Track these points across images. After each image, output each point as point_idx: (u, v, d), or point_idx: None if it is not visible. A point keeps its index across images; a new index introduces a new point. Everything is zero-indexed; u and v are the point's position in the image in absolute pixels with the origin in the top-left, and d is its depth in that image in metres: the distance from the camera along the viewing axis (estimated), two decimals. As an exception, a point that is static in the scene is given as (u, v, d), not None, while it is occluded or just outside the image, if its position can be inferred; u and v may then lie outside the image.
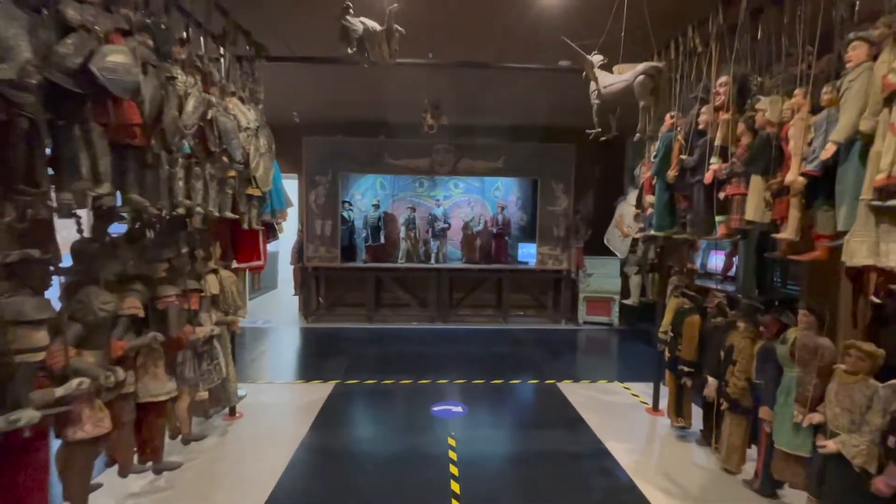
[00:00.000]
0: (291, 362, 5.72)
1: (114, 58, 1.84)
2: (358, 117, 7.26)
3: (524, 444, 3.58)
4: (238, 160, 3.06)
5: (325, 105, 6.70)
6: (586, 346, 6.76)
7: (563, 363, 5.77)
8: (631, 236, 4.22)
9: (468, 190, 8.27)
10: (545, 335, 7.14)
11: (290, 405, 4.27)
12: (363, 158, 7.36)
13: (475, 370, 5.27)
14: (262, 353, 5.95)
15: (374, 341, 6.57)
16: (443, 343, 6.55)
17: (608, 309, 7.62)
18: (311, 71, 5.33)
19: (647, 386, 4.76)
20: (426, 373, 5.14)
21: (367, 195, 8.14)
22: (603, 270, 7.56)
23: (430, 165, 7.40)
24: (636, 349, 6.35)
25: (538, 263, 7.62)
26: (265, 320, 7.72)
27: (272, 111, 7.24)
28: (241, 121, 3.22)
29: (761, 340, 2.92)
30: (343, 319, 7.67)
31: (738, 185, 2.59)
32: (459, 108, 6.67)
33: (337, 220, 7.38)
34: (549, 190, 7.52)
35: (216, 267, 3.42)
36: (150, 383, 2.71)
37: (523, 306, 8.28)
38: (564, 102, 6.34)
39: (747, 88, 2.73)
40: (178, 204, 2.62)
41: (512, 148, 7.48)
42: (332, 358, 5.67)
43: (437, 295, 7.67)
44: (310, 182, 7.35)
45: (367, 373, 5.14)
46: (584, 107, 6.59)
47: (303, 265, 7.46)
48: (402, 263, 7.74)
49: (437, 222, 7.68)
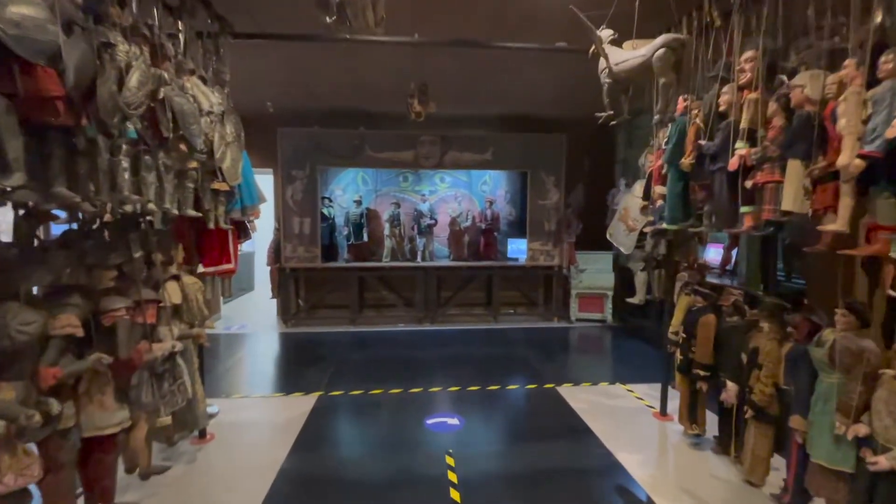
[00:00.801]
0: (269, 372, 5.28)
1: (19, 9, 1.41)
2: (336, 107, 6.82)
3: (530, 461, 3.26)
4: (199, 149, 2.63)
5: (300, 93, 6.23)
6: (581, 344, 6.51)
7: (559, 364, 5.50)
8: (637, 230, 3.95)
9: (455, 184, 7.91)
10: (538, 334, 6.87)
11: (268, 423, 3.85)
12: (343, 151, 6.91)
13: (468, 375, 4.95)
14: (238, 362, 5.49)
15: (359, 346, 6.17)
16: (432, 345, 6.21)
17: (601, 305, 7.41)
18: (284, 54, 4.88)
19: (650, 387, 4.53)
20: (417, 379, 4.79)
21: (348, 190, 7.70)
22: (595, 266, 7.34)
23: (415, 158, 7.01)
24: (633, 347, 6.14)
25: (529, 260, 7.33)
26: (241, 325, 7.23)
27: (243, 100, 6.73)
28: (202, 103, 2.78)
29: (790, 342, 2.68)
30: (325, 323, 7.24)
31: (771, 172, 2.31)
32: (446, 97, 6.29)
33: (316, 217, 6.93)
34: (540, 183, 7.24)
35: (178, 273, 2.98)
36: (96, 414, 2.29)
37: (513, 304, 8.00)
38: (556, 90, 6.06)
39: (777, 64, 2.45)
40: (124, 200, 2.18)
41: (501, 139, 7.15)
42: (313, 366, 5.25)
43: (424, 295, 7.31)
44: (286, 177, 6.87)
45: (353, 382, 4.76)
46: (575, 94, 6.38)
47: (280, 266, 7.00)
48: (386, 262, 7.34)
49: (422, 218, 7.30)
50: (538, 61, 4.93)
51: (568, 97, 6.41)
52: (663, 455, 3.42)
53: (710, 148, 2.69)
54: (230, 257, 3.53)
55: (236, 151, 3.25)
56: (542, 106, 6.84)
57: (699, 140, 2.79)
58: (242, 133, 3.42)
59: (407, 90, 4.69)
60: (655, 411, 4.02)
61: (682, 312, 3.49)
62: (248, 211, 3.44)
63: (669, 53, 2.45)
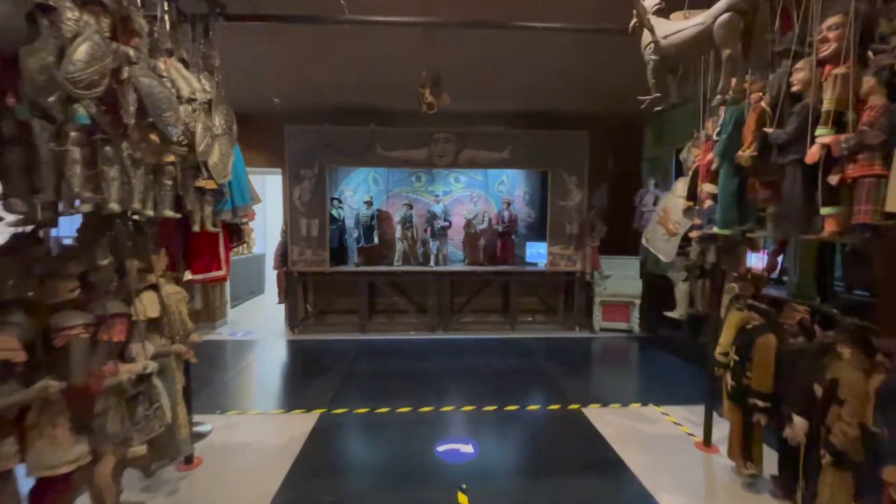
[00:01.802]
0: (271, 385, 4.94)
1: None
2: (346, 103, 6.48)
3: (556, 500, 2.83)
4: (175, 139, 2.28)
5: (308, 89, 5.91)
6: (606, 357, 6.02)
7: (583, 380, 5.03)
8: (679, 235, 3.47)
9: (470, 184, 7.50)
10: (558, 345, 6.40)
11: (263, 446, 3.50)
12: (353, 150, 6.57)
13: (483, 392, 4.53)
14: (238, 373, 5.17)
15: (368, 355, 5.80)
16: (444, 356, 5.80)
17: (627, 314, 6.90)
18: (289, 46, 4.57)
19: (687, 410, 4.05)
20: (427, 396, 4.39)
21: (358, 191, 7.36)
22: (621, 272, 6.84)
23: (429, 157, 6.63)
24: (663, 361, 5.63)
25: (549, 264, 6.87)
26: (246, 332, 6.94)
27: (249, 97, 6.49)
28: (181, 89, 2.44)
29: (880, 374, 2.19)
30: (333, 330, 6.90)
31: (869, 164, 1.84)
32: (461, 93, 5.90)
33: (325, 219, 6.60)
34: (561, 183, 6.77)
35: (156, 281, 2.64)
36: (46, 450, 1.95)
37: (532, 311, 7.55)
38: (578, 84, 5.61)
39: (871, 31, 1.98)
40: (76, 197, 1.84)
41: (519, 136, 6.71)
42: (318, 378, 4.90)
43: (437, 301, 6.91)
44: (293, 177, 6.56)
45: (359, 397, 4.39)
46: (598, 88, 5.92)
47: (287, 270, 6.69)
48: (398, 266, 6.97)
49: (436, 220, 6.91)
50: (560, 50, 4.49)
51: (591, 91, 5.96)
52: (713, 499, 2.94)
53: (779, 137, 2.22)
54: (220, 263, 3.20)
55: (226, 146, 2.90)
56: (562, 101, 6.39)
57: (763, 128, 2.32)
58: (234, 126, 3.07)
59: (419, 80, 4.31)
60: (698, 441, 3.53)
61: (734, 330, 3.00)
62: (239, 212, 3.09)
63: (737, 19, 2.00)
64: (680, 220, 3.41)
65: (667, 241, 3.55)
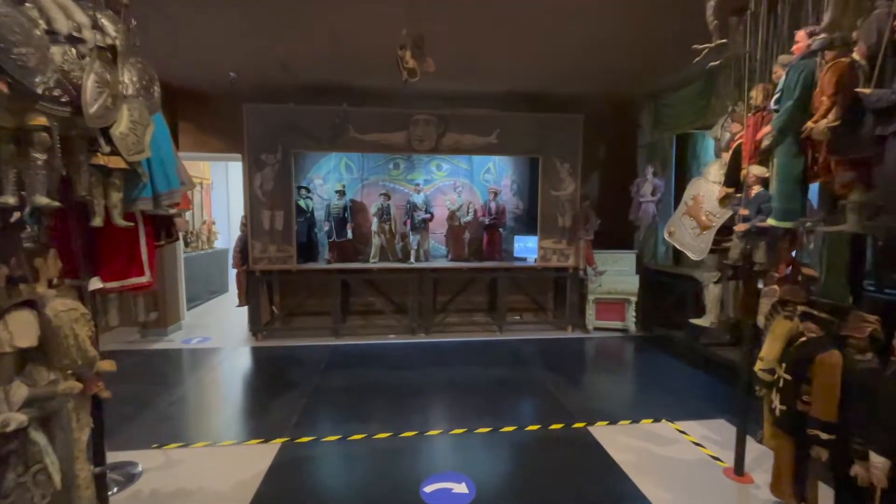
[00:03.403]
0: (224, 407, 4.20)
1: None
2: (314, 79, 5.71)
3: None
4: (41, 91, 1.56)
5: (270, 62, 5.13)
6: (605, 361, 5.53)
7: (585, 391, 4.50)
8: (714, 228, 2.94)
9: (454, 172, 6.86)
10: (551, 347, 5.88)
11: (208, 492, 2.81)
12: (322, 132, 5.82)
13: (474, 409, 3.95)
14: (187, 392, 4.41)
15: (341, 365, 5.13)
16: (427, 363, 5.19)
17: (622, 313, 6.44)
18: (246, 12, 3.81)
19: (705, 427, 3.58)
20: (410, 416, 3.78)
21: (329, 179, 6.61)
22: (616, 267, 6.37)
23: (407, 141, 5.94)
24: (665, 365, 5.18)
25: (540, 260, 6.32)
26: (202, 338, 6.14)
27: (203, 72, 5.64)
28: (55, 21, 1.70)
29: None
30: (302, 335, 6.19)
31: None
32: (445, 70, 5.24)
33: (290, 210, 5.85)
34: (553, 171, 6.21)
35: (38, 295, 1.91)
36: None
37: (520, 309, 7.02)
38: (572, 62, 5.05)
39: None
40: None
41: (508, 119, 6.10)
42: (281, 396, 4.21)
43: (417, 301, 6.28)
44: (254, 162, 5.77)
45: (329, 421, 3.74)
46: (593, 67, 5.36)
47: (248, 268, 5.92)
48: (374, 263, 6.29)
49: (416, 212, 6.25)
50: (555, 21, 3.91)
51: (586, 71, 5.40)
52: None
53: (882, 98, 1.67)
54: (142, 267, 2.47)
55: (140, 112, 2.17)
56: (555, 81, 5.81)
57: (856, 89, 1.77)
58: (156, 88, 2.33)
59: (397, 48, 3.63)
60: (727, 467, 3.05)
61: (781, 343, 2.49)
62: (163, 200, 2.36)
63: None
64: (715, 211, 2.88)
65: (697, 236, 3.02)
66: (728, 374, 4.68)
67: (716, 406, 4.02)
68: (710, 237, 2.90)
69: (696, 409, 3.97)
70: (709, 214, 2.94)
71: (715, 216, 2.91)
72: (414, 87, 5.80)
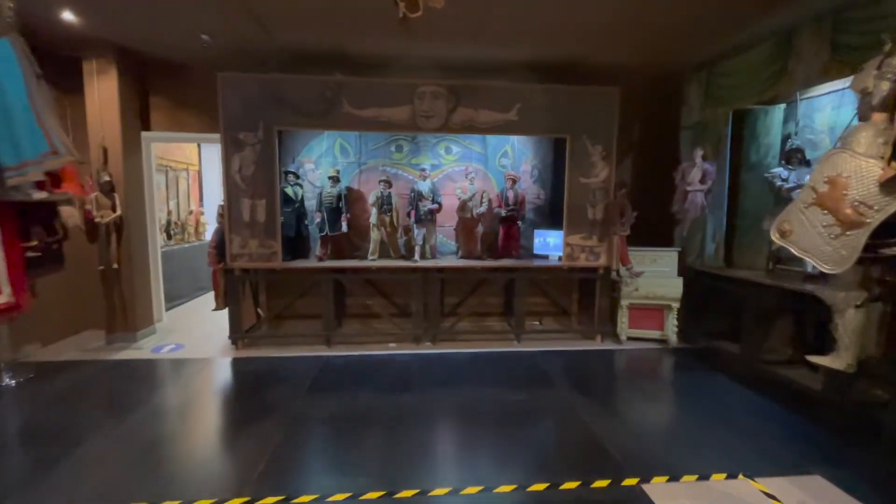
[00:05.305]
0: (175, 449, 3.31)
1: None
2: (301, 44, 4.81)
3: None
4: None
5: (249, 22, 4.24)
6: (647, 381, 4.61)
7: (630, 425, 3.61)
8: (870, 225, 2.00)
9: (465, 156, 5.94)
10: (580, 361, 5.00)
11: None
12: (311, 107, 4.94)
13: (492, 452, 3.10)
14: (133, 425, 3.55)
15: (330, 383, 4.30)
16: (432, 383, 4.34)
17: (660, 321, 5.53)
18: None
19: (796, 484, 2.69)
20: (409, 464, 2.94)
21: (321, 163, 5.74)
22: (654, 267, 5.45)
23: (412, 117, 5.03)
24: (721, 387, 4.27)
25: (566, 258, 5.42)
26: (176, 345, 5.36)
27: (174, 36, 4.76)
28: None
29: None
30: (289, 343, 5.37)
31: None
32: (455, 33, 4.32)
33: (274, 199, 5.00)
34: (583, 154, 5.27)
35: None
36: None
37: (540, 314, 6.14)
38: (608, 22, 4.09)
39: None
40: None
41: (530, 93, 5.15)
42: (251, 430, 3.39)
43: (423, 304, 5.42)
44: (231, 142, 4.91)
45: (305, 469, 2.90)
46: (636, 29, 4.41)
47: (226, 266, 5.09)
48: (373, 261, 5.43)
49: (422, 202, 5.37)
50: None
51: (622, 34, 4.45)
52: None
53: None
54: (-4, 282, 1.62)
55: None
56: (585, 48, 4.84)
57: None
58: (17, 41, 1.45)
59: None
60: (855, 565, 2.16)
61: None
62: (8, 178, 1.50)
63: None
64: (871, 199, 1.95)
65: (834, 238, 2.08)
66: (807, 405, 3.77)
67: (802, 451, 3.13)
68: (858, 240, 1.98)
69: (779, 456, 3.08)
70: (858, 206, 2.00)
71: (871, 208, 1.97)
72: (419, 52, 4.89)
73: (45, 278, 5.14)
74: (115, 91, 5.10)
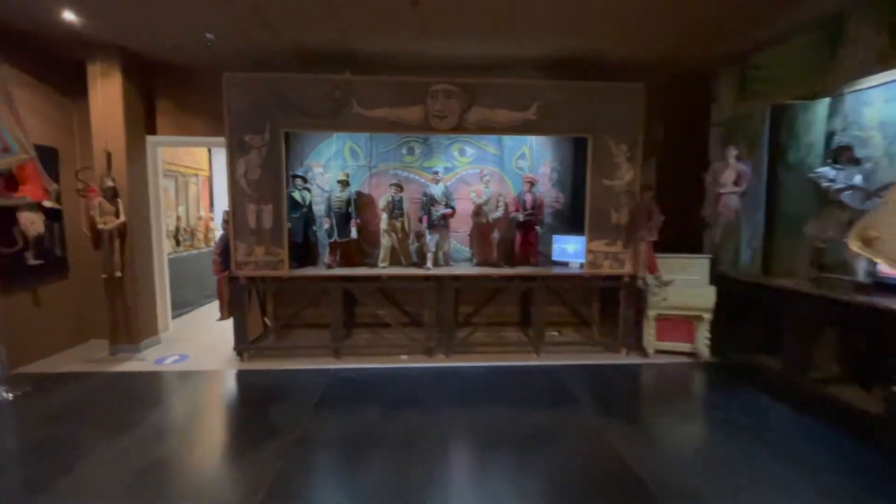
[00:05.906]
0: (173, 469, 3.07)
1: None
2: (309, 42, 4.61)
3: None
4: None
5: (256, 21, 4.05)
6: (681, 401, 4.24)
7: (666, 453, 3.26)
8: None
9: (480, 158, 5.67)
10: (604, 377, 4.66)
11: None
12: (319, 107, 4.72)
13: (512, 485, 2.79)
14: (125, 446, 3.33)
15: (339, 400, 4.04)
16: (447, 400, 4.04)
17: (690, 333, 5.16)
18: None
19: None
20: (423, 489, 2.64)
21: (330, 167, 5.52)
22: (684, 275, 5.09)
23: (424, 118, 4.78)
24: (763, 408, 3.89)
25: (589, 266, 5.09)
26: (181, 356, 5.16)
27: (176, 35, 4.60)
28: None
29: None
30: (296, 355, 5.13)
31: None
32: (470, 28, 4.07)
33: (281, 204, 4.78)
34: (606, 154, 4.96)
35: None
36: None
37: (559, 324, 5.82)
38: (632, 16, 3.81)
39: None
40: None
41: (549, 90, 4.87)
42: (251, 455, 3.13)
43: (436, 314, 5.14)
44: (236, 145, 4.72)
45: (309, 495, 2.63)
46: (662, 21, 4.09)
47: (230, 274, 4.89)
48: (383, 268, 5.18)
49: (434, 206, 5.11)
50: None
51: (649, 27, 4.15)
52: None
53: None
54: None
55: None
56: (614, 39, 4.54)
57: None
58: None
59: None
60: None
61: None
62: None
63: None
64: None
65: None
66: (867, 430, 3.37)
67: (866, 487, 2.76)
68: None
69: (840, 494, 2.71)
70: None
71: None
72: (432, 50, 4.64)
73: (50, 287, 5.07)
74: (118, 95, 4.95)
